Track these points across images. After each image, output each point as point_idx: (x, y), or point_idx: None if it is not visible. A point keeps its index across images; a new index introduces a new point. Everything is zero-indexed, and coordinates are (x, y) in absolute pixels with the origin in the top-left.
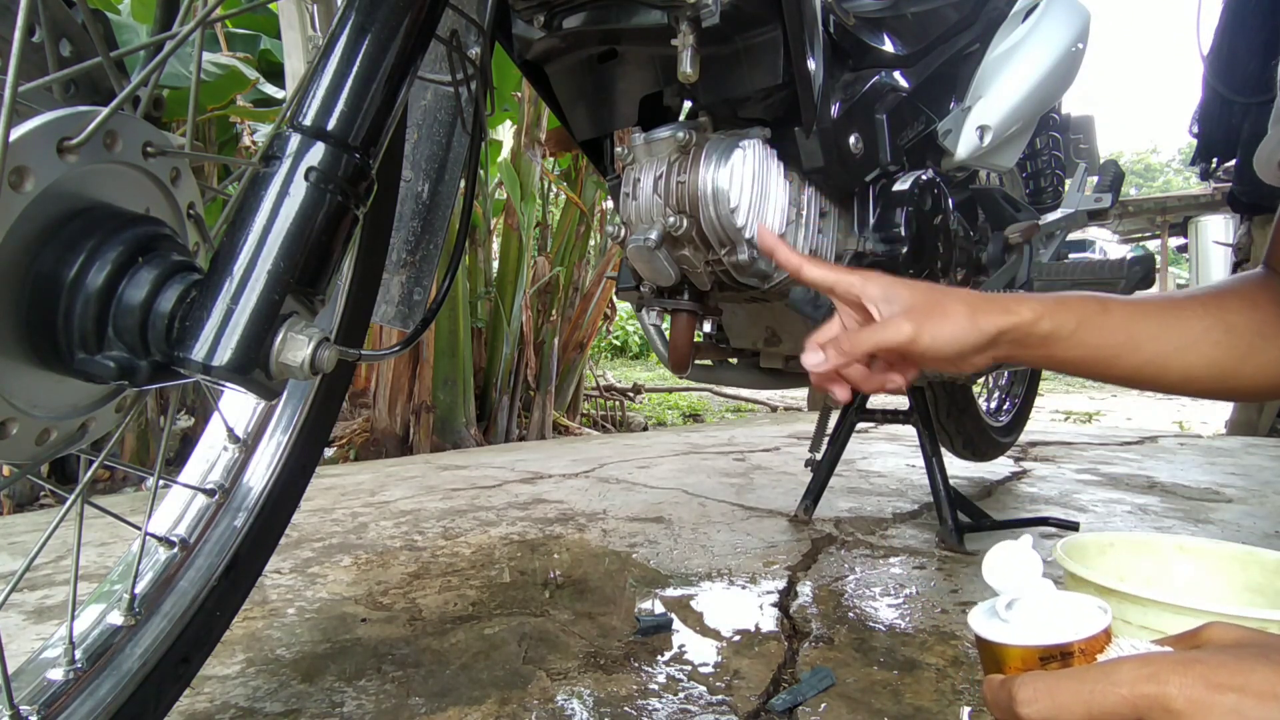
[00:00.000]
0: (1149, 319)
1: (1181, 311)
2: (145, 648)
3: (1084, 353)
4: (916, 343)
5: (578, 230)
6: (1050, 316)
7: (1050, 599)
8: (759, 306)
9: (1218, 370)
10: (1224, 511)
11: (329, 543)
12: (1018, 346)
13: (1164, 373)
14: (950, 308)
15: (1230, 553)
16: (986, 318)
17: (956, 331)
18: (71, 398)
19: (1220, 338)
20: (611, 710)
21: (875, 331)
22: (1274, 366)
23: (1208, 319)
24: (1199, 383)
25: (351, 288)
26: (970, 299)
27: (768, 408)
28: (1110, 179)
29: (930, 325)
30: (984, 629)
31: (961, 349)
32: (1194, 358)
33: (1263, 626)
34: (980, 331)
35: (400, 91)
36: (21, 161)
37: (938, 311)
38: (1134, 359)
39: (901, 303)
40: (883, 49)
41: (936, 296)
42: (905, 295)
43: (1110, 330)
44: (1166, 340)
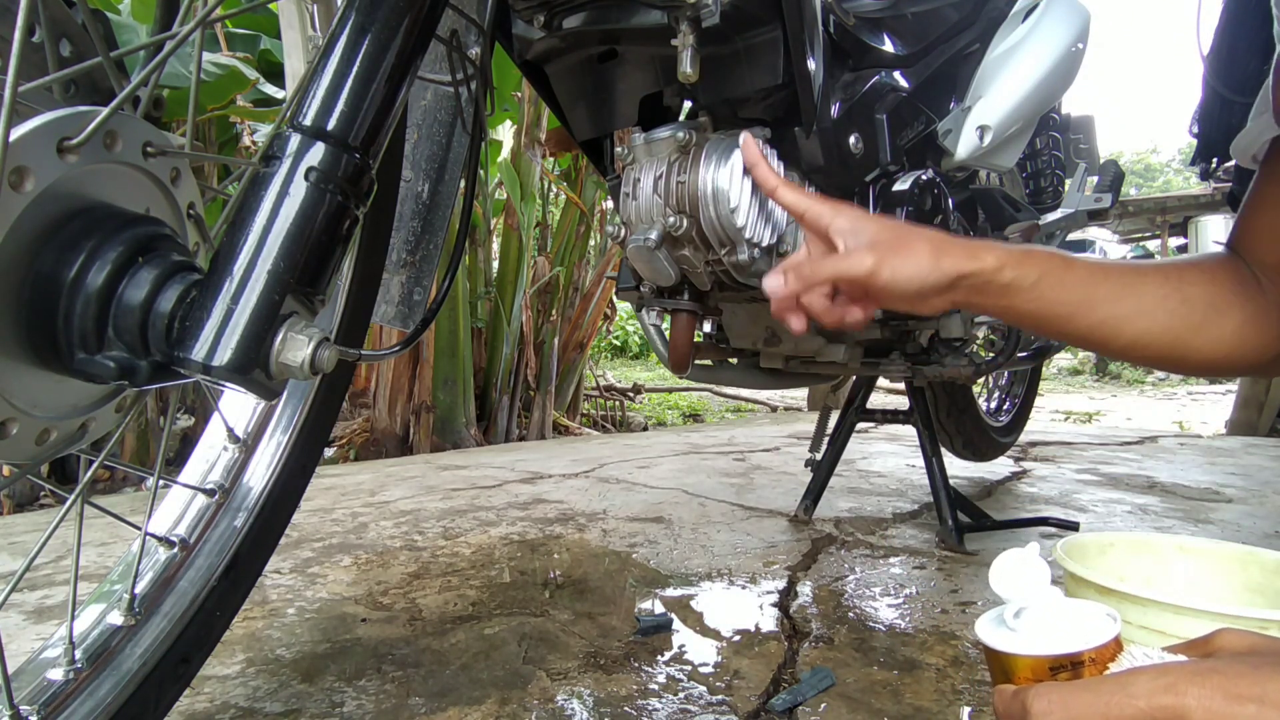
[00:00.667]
0: (1109, 281)
1: (1142, 278)
2: (145, 648)
3: (1041, 307)
4: (876, 276)
5: (578, 230)
6: (1013, 267)
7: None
8: (759, 306)
9: (1170, 338)
10: (1224, 511)
11: (329, 543)
12: (977, 293)
13: (1117, 335)
14: (915, 246)
15: (1230, 553)
16: (949, 260)
17: (918, 269)
18: (71, 398)
19: (1176, 307)
20: (611, 710)
21: (837, 261)
22: (1224, 341)
23: (1166, 287)
24: (1150, 349)
25: (351, 288)
26: (936, 240)
27: (768, 408)
28: (1110, 179)
29: (892, 260)
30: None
31: (921, 287)
32: (1148, 323)
33: (1263, 627)
34: (941, 272)
35: (400, 91)
36: (21, 161)
37: (902, 248)
38: (1089, 318)
39: (867, 236)
40: (883, 49)
41: (902, 233)
42: (872, 229)
43: (1070, 287)
44: (1124, 303)
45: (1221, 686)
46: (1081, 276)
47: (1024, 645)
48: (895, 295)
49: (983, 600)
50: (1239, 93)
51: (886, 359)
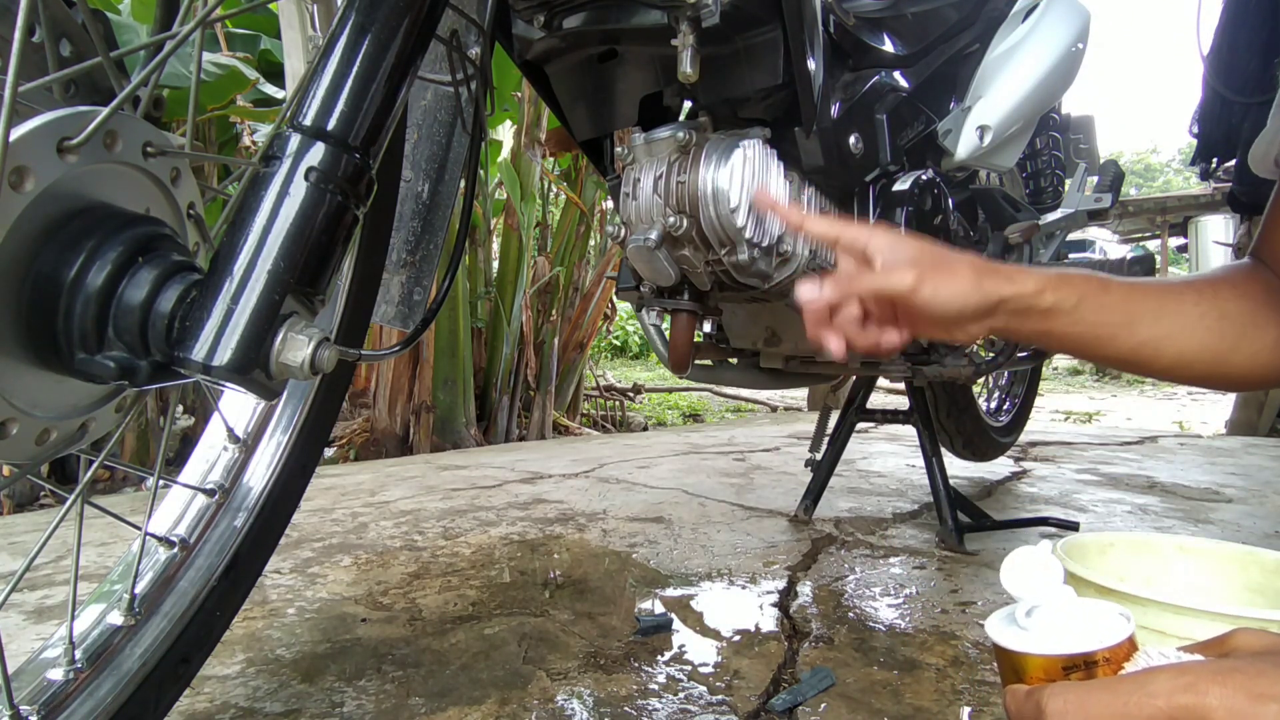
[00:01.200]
0: (1147, 301)
1: (1178, 296)
2: (145, 648)
3: (1083, 330)
4: (917, 293)
5: (578, 230)
6: (1053, 290)
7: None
8: (759, 306)
9: (1210, 355)
10: (1224, 511)
11: (329, 543)
12: (1017, 317)
13: (1158, 355)
14: (956, 267)
15: (1230, 553)
16: (991, 283)
17: (959, 291)
18: (71, 398)
19: (1214, 324)
20: (611, 710)
21: (877, 276)
22: (1265, 354)
23: (1203, 304)
24: (1192, 367)
25: (351, 288)
26: (976, 263)
27: (768, 408)
28: (1110, 179)
29: (933, 279)
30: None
31: (962, 310)
32: (1188, 342)
33: (1263, 627)
34: (983, 295)
35: (400, 91)
36: (21, 161)
37: (943, 268)
38: (1130, 340)
39: (907, 254)
40: (883, 49)
41: (943, 254)
42: (912, 249)
43: (1109, 309)
44: (1163, 324)
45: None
46: (1120, 298)
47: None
48: (934, 316)
49: (983, 600)
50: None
51: (886, 359)
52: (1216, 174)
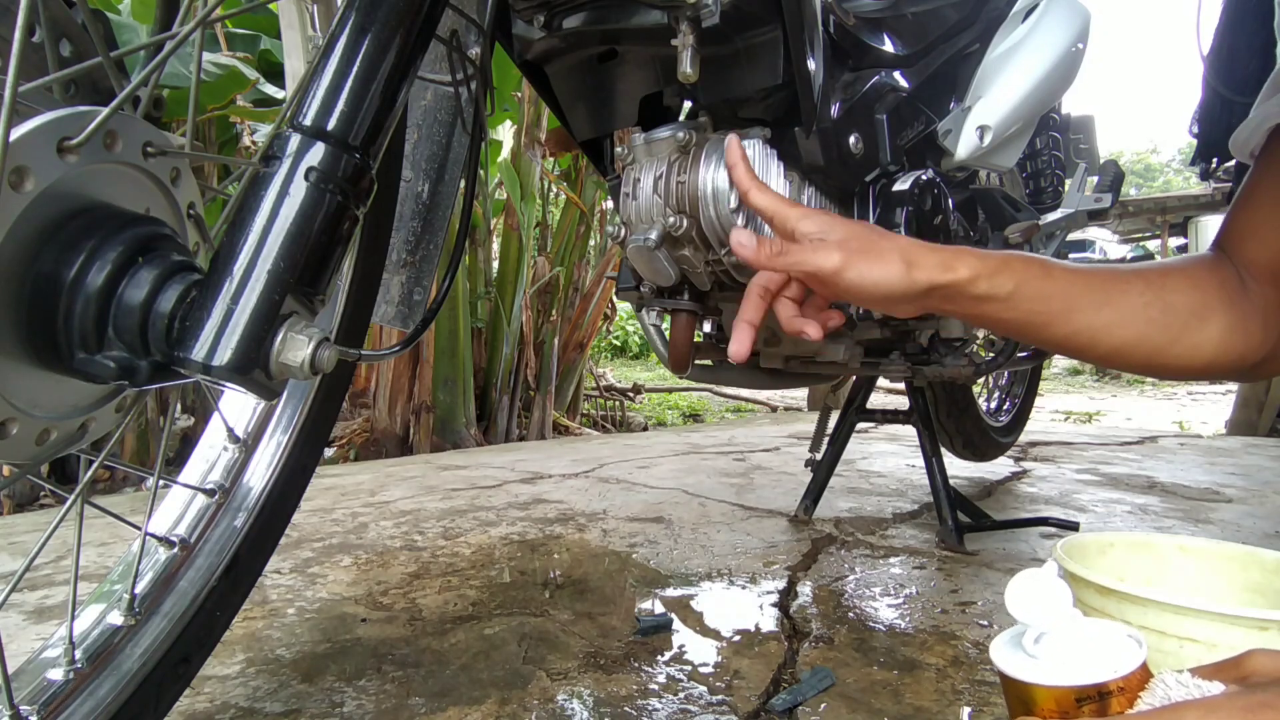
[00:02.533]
0: (1090, 289)
1: (1123, 285)
2: (145, 648)
3: (1017, 315)
4: (842, 274)
5: (578, 230)
6: (987, 277)
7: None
8: None
9: (1149, 346)
10: (1224, 511)
11: (329, 543)
12: (949, 301)
13: (1094, 344)
14: (885, 252)
15: (1230, 553)
16: (921, 271)
17: (886, 276)
18: (71, 398)
19: (1157, 316)
20: (611, 710)
21: (802, 251)
22: (1204, 348)
23: (1148, 294)
24: (1128, 357)
25: (351, 288)
26: (908, 249)
27: (768, 408)
28: (1110, 179)
29: (860, 262)
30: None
31: (889, 294)
32: (1128, 333)
33: (1262, 627)
34: (911, 282)
35: (400, 91)
36: (21, 161)
37: (871, 251)
38: (1067, 327)
39: (836, 236)
40: (883, 49)
41: (874, 238)
42: (841, 230)
43: (1047, 297)
44: (1103, 312)
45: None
46: (1061, 286)
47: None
48: (861, 297)
49: (983, 600)
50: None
51: (886, 359)
52: (1216, 174)
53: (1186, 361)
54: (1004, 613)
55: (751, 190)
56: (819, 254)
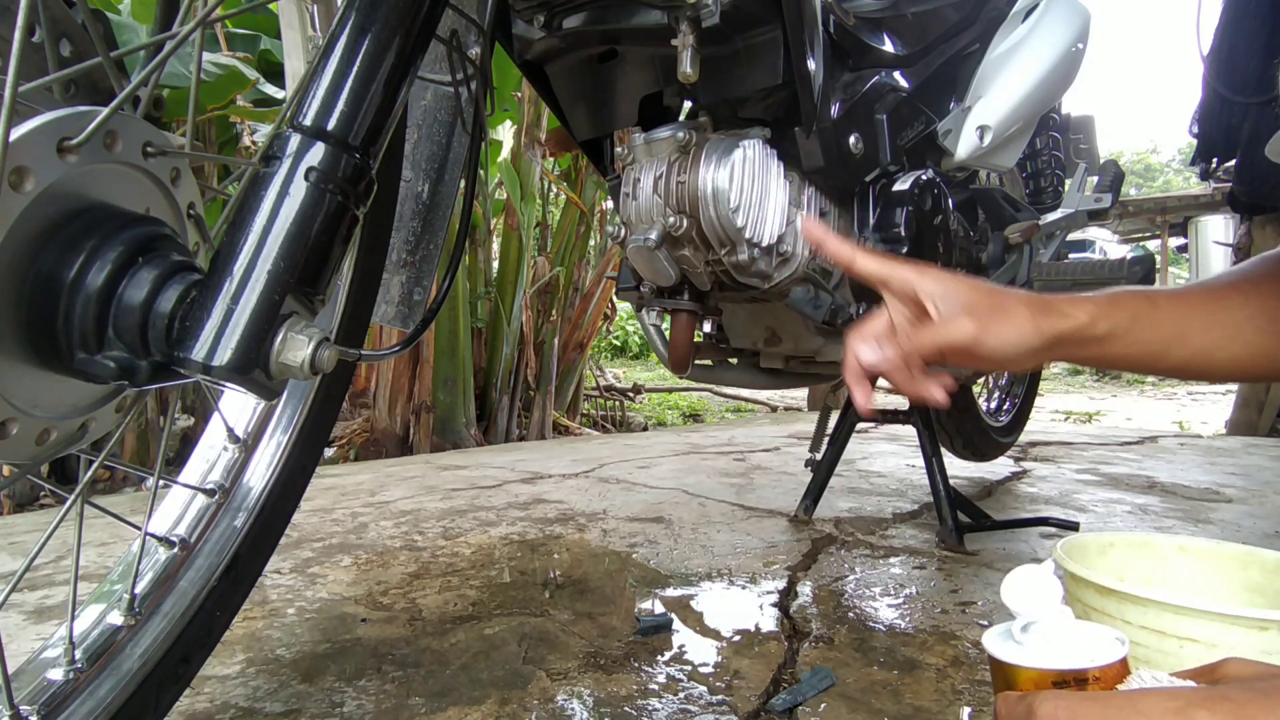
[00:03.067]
0: (1195, 311)
1: (1224, 301)
2: (145, 648)
3: (1137, 350)
4: (980, 343)
5: (578, 230)
6: (1106, 318)
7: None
8: (759, 306)
9: (1263, 355)
10: (1224, 511)
11: (329, 543)
12: (1075, 347)
13: (1211, 363)
14: (1012, 310)
15: (1230, 553)
16: (1047, 320)
17: (1019, 334)
18: (71, 398)
19: (1264, 324)
20: (611, 710)
21: (938, 330)
22: None
23: (1249, 306)
24: (1246, 369)
25: (351, 288)
26: (1031, 301)
27: (768, 408)
28: (1110, 179)
29: (994, 326)
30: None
31: (1022, 351)
32: (1239, 347)
33: (1262, 627)
34: (1041, 335)
35: (400, 91)
36: (21, 161)
37: (1000, 312)
38: (1183, 352)
39: (961, 300)
40: (883, 49)
41: (997, 297)
42: (964, 293)
43: (1160, 326)
44: (1213, 333)
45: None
46: (1169, 313)
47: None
48: (995, 360)
49: (983, 600)
50: (1239, 93)
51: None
52: (1216, 174)
53: None
54: (1003, 613)
55: (857, 259)
56: (954, 328)
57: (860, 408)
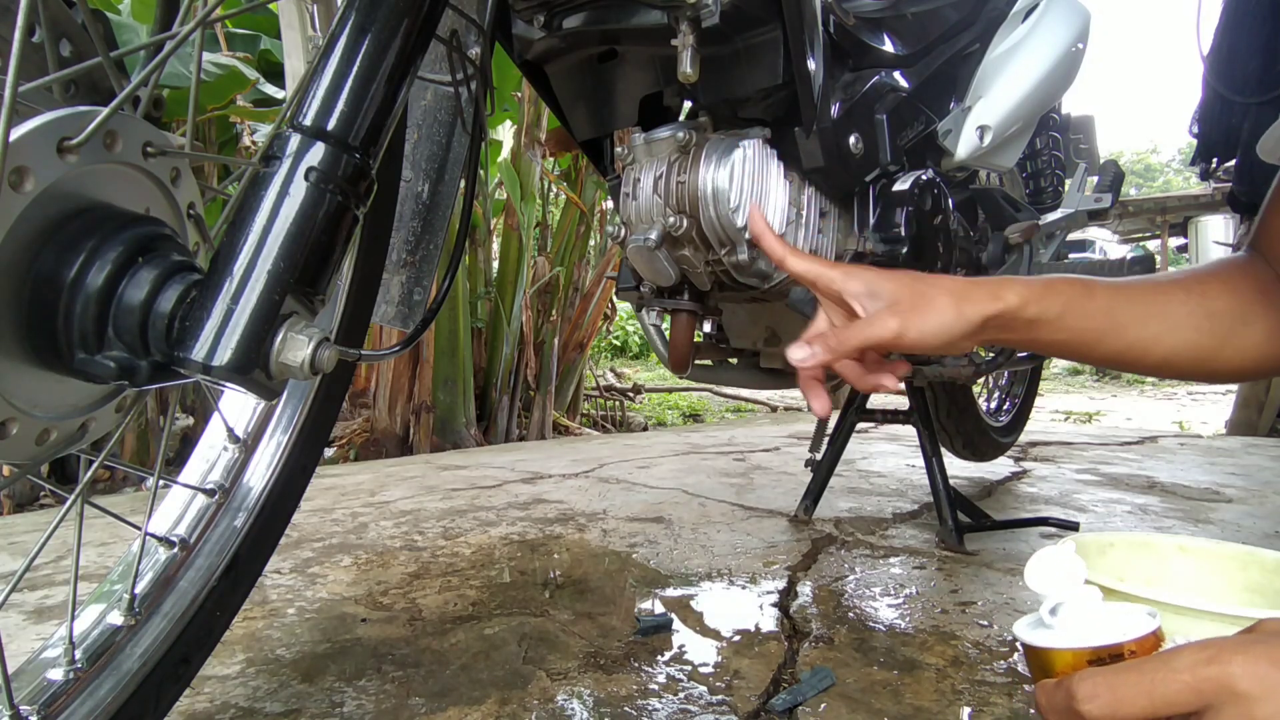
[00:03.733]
0: (1133, 303)
1: (1164, 295)
2: (145, 648)
3: (1068, 336)
4: (903, 337)
5: (578, 230)
6: (1036, 302)
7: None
8: (759, 306)
9: (1198, 353)
10: (1224, 511)
11: (329, 543)
12: (1003, 330)
13: (1146, 355)
14: (935, 299)
15: (1230, 553)
16: (972, 306)
17: (942, 322)
18: (71, 398)
19: (1202, 323)
20: (611, 710)
21: (861, 328)
22: (1251, 350)
23: (1190, 303)
24: (1180, 365)
25: (351, 288)
26: (954, 288)
27: (768, 408)
28: (1110, 179)
29: (916, 319)
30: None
31: (949, 338)
32: (1175, 341)
33: None
34: (966, 320)
35: (400, 91)
36: (21, 161)
37: (923, 303)
38: (1117, 342)
39: (886, 297)
40: (883, 49)
41: (921, 287)
42: (889, 289)
43: (1094, 314)
44: (1149, 325)
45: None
46: (1105, 303)
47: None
48: (925, 349)
49: (983, 600)
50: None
51: (886, 359)
52: (1216, 174)
53: (1236, 364)
54: (1004, 612)
55: (788, 257)
56: (875, 326)
57: (818, 413)
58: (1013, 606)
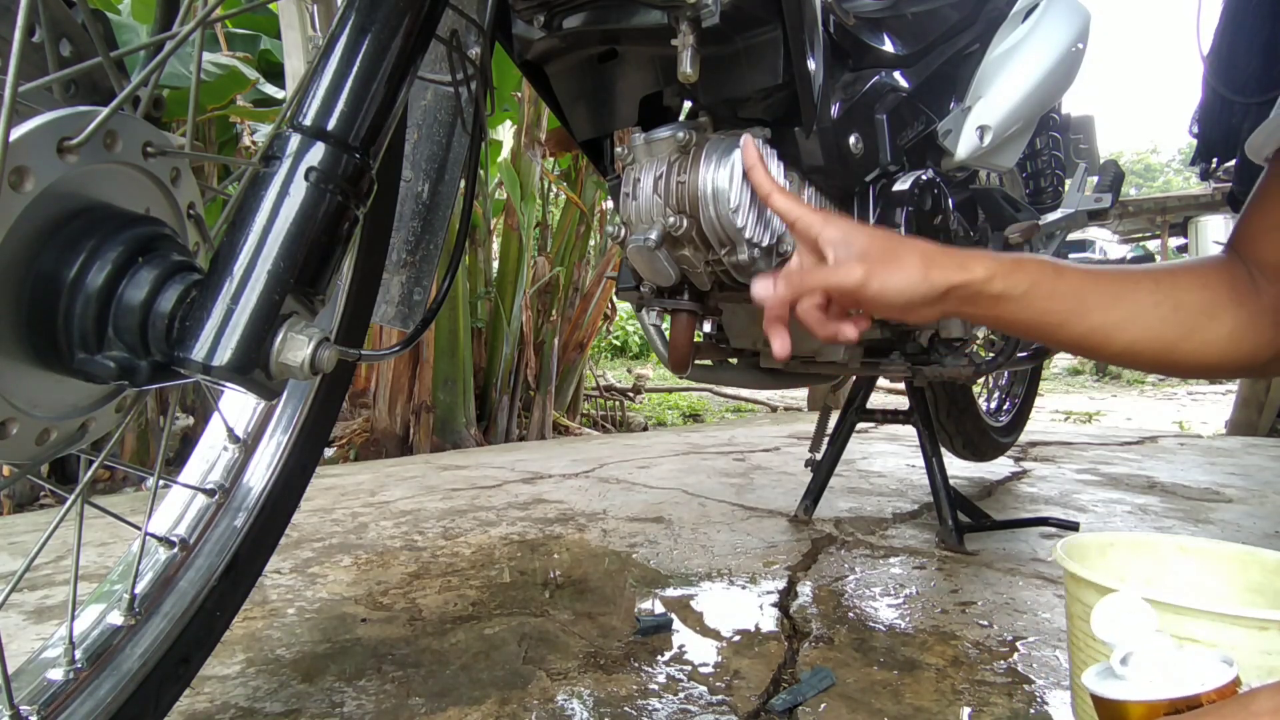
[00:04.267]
0: (1100, 288)
1: (1133, 284)
2: (145, 648)
3: (1032, 315)
4: (865, 288)
5: (578, 230)
6: (1002, 277)
7: (1170, 651)
8: (759, 306)
9: (1160, 344)
10: (1224, 511)
11: (329, 543)
12: (967, 303)
13: (1108, 342)
14: (905, 258)
15: (1230, 553)
16: (939, 272)
17: (907, 281)
18: (71, 398)
19: (1168, 314)
20: (611, 710)
21: (827, 272)
22: (1215, 345)
23: (1158, 294)
24: (1141, 355)
25: (351, 288)
26: (926, 252)
27: (768, 408)
28: (1110, 179)
29: (882, 272)
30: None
31: (910, 299)
32: (1139, 330)
33: (1262, 627)
34: (931, 284)
35: (400, 91)
36: (21, 161)
37: (891, 260)
38: (1080, 326)
39: (857, 247)
40: (883, 49)
41: (893, 245)
42: (862, 240)
43: (1060, 296)
44: (1115, 311)
45: None
46: (1073, 285)
47: (1138, 691)
48: (885, 306)
49: (983, 600)
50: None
51: (886, 359)
52: (1216, 174)
53: (1198, 358)
54: (1004, 612)
55: (774, 194)
56: (841, 271)
57: (776, 354)
58: (1013, 606)
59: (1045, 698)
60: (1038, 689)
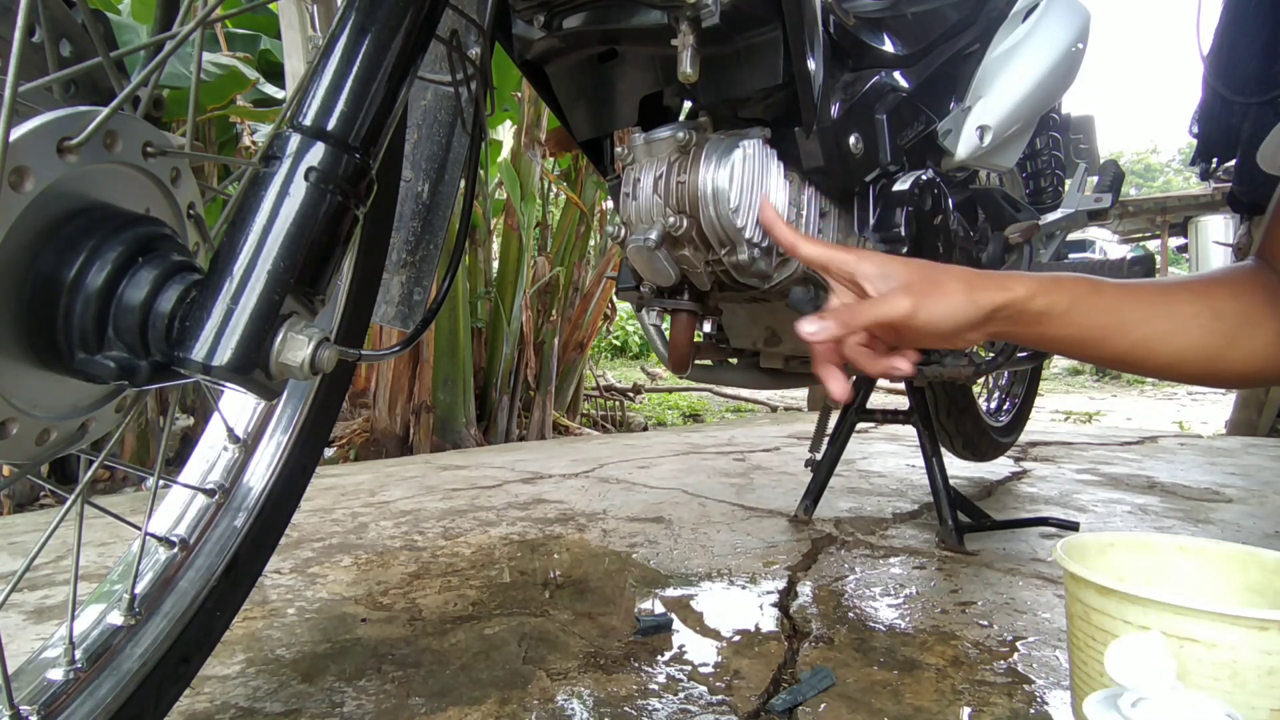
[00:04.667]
0: (1140, 302)
1: (1171, 296)
2: (145, 648)
3: (1075, 332)
4: (914, 318)
5: (578, 230)
6: (1044, 295)
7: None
8: (759, 306)
9: (1204, 354)
10: (1224, 511)
11: (329, 543)
12: (1011, 323)
13: (1151, 355)
14: (947, 284)
15: (1230, 553)
16: (983, 294)
17: (953, 307)
18: (71, 398)
19: (1208, 323)
20: (611, 710)
21: (873, 306)
22: (1258, 353)
23: (1196, 304)
24: (1185, 366)
25: (351, 288)
26: (966, 276)
27: (768, 408)
28: (1110, 179)
29: (928, 301)
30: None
31: (958, 325)
32: (1181, 342)
33: (1262, 627)
34: (977, 308)
35: (400, 91)
36: (21, 161)
37: (934, 288)
38: (1123, 341)
39: (898, 279)
40: (883, 49)
41: (933, 273)
42: (901, 272)
43: (1101, 311)
44: (1155, 324)
45: None
46: (1112, 300)
47: None
48: (932, 334)
49: (983, 600)
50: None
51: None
52: (1216, 174)
53: (1243, 367)
54: (1004, 612)
55: (800, 245)
56: (888, 304)
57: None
58: (1013, 606)
59: (1045, 698)
60: (1038, 689)
